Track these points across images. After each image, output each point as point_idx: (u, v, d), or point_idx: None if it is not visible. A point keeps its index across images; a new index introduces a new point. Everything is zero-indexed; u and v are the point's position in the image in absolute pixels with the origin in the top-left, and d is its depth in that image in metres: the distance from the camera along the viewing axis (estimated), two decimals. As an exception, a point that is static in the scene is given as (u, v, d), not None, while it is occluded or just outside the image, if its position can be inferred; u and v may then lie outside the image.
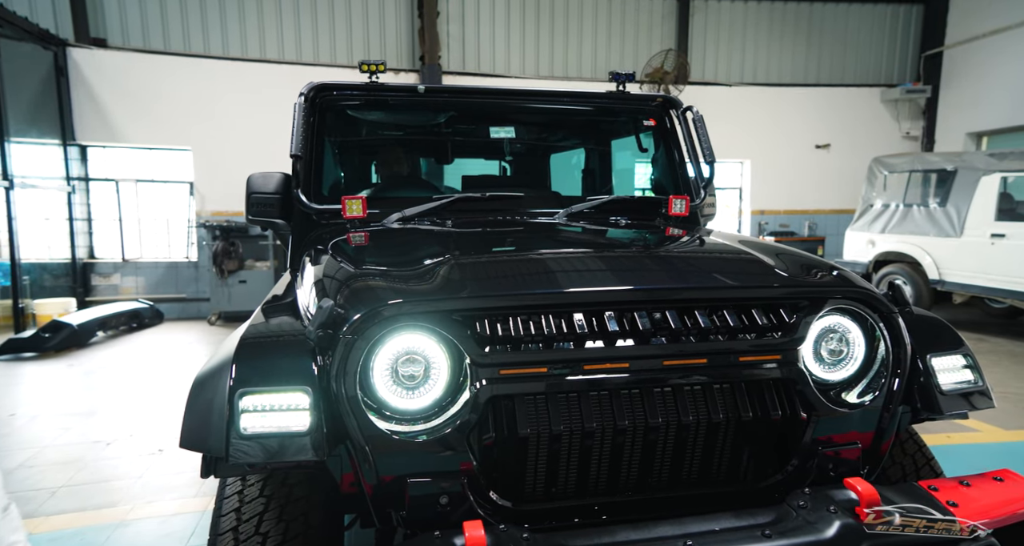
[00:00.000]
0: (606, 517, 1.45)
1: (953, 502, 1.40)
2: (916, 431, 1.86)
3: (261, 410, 1.26)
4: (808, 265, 1.76)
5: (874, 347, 1.63)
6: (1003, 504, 1.43)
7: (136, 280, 8.51)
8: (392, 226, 2.31)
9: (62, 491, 3.14)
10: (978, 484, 1.50)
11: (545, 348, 1.39)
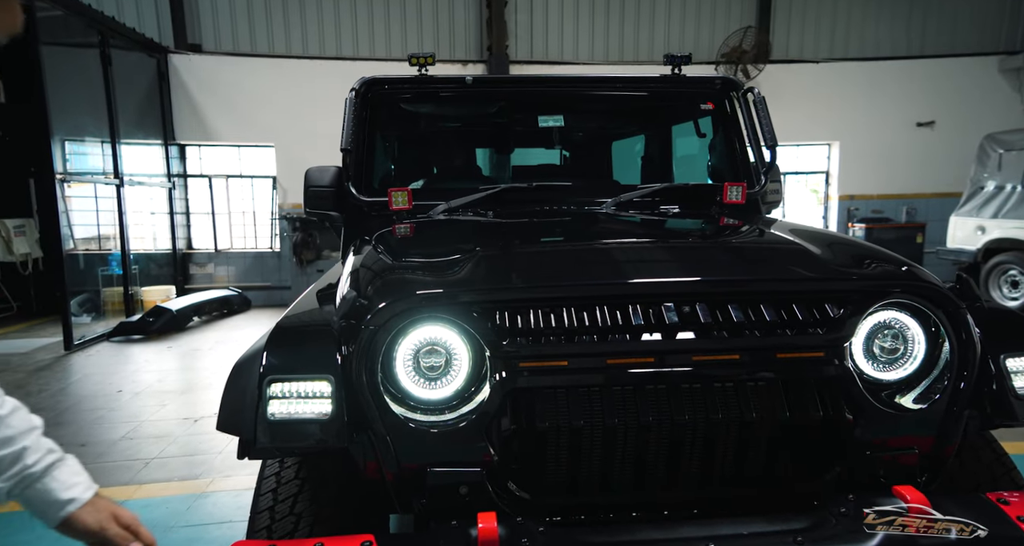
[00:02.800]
0: (627, 515, 1.41)
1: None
2: (995, 438, 1.69)
3: (287, 397, 1.32)
4: (863, 256, 1.63)
5: (937, 345, 1.49)
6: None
7: (228, 269, 9.13)
8: (437, 218, 2.34)
9: (154, 462, 3.44)
10: (1058, 499, 1.35)
11: (566, 341, 1.37)
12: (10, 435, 0.87)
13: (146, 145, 8.58)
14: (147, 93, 8.53)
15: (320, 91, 8.81)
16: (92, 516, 0.91)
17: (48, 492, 0.89)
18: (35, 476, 0.89)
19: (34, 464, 0.89)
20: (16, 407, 0.91)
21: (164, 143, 8.81)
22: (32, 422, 0.92)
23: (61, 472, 0.92)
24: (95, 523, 0.92)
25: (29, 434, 0.90)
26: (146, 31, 8.53)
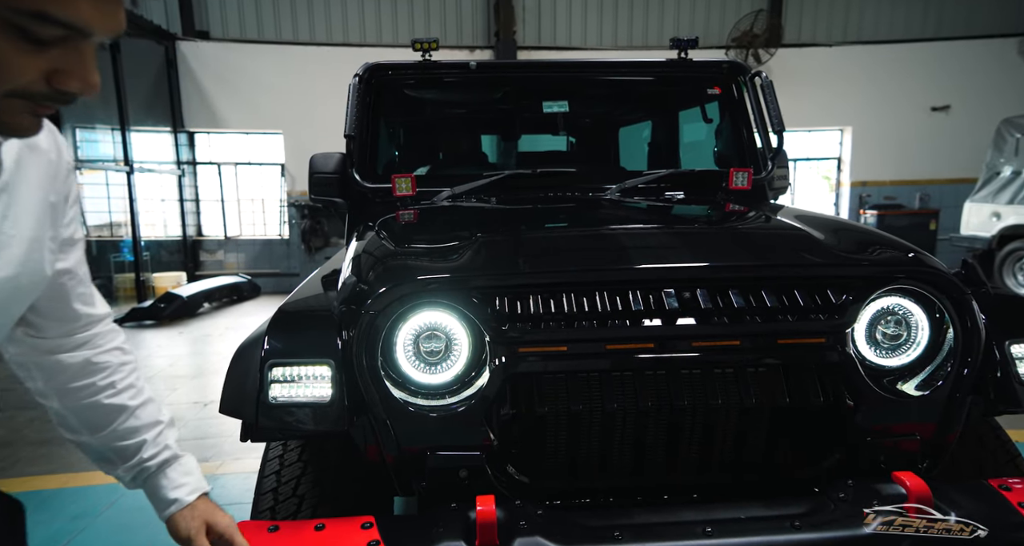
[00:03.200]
0: (627, 499, 1.42)
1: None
2: (1000, 424, 1.68)
3: (288, 381, 1.33)
4: (868, 242, 1.62)
5: (941, 332, 1.47)
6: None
7: (237, 256, 9.20)
8: (441, 204, 2.34)
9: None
10: (1061, 486, 1.34)
11: (566, 327, 1.37)
12: (136, 426, 0.91)
13: (155, 132, 8.63)
14: (156, 80, 8.56)
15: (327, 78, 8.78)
16: (184, 523, 0.94)
17: (158, 489, 0.93)
18: (150, 470, 0.93)
19: (150, 459, 0.92)
20: (148, 400, 0.94)
21: (173, 130, 8.85)
22: (158, 416, 0.95)
23: (173, 470, 0.95)
24: (185, 530, 0.95)
25: (152, 428, 0.93)
26: (154, 18, 8.54)
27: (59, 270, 0.81)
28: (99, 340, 0.91)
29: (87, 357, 0.88)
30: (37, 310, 0.82)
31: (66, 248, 0.82)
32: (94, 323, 0.90)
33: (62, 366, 0.87)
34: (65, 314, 0.85)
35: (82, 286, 0.87)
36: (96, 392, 0.89)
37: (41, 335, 0.85)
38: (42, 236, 0.74)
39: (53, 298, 0.83)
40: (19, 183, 0.70)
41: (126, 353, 0.94)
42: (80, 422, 0.90)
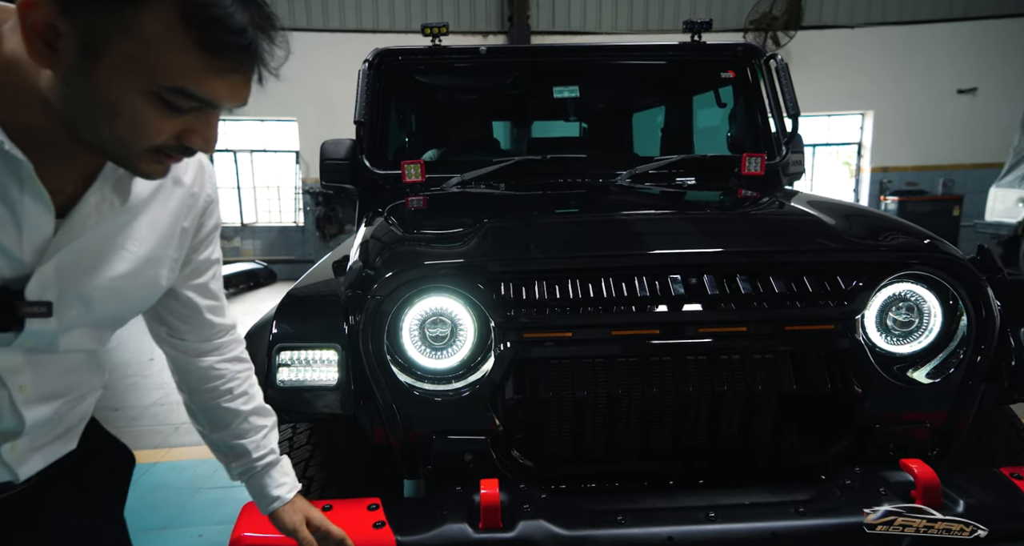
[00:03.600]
0: (633, 485, 1.43)
1: (1036, 493, 1.24)
2: (1014, 412, 1.65)
3: (296, 364, 1.35)
4: (881, 227, 1.59)
5: (954, 319, 1.45)
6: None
7: (254, 243, 9.29)
8: (451, 191, 2.34)
9: (183, 427, 3.56)
10: (1075, 475, 1.32)
11: (571, 313, 1.37)
12: (246, 429, 1.02)
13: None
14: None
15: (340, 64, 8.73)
16: (289, 516, 1.06)
17: (263, 486, 1.04)
18: (255, 470, 1.04)
19: (258, 460, 1.04)
20: (258, 406, 1.06)
21: (189, 118, 8.92)
22: (266, 421, 1.07)
23: (276, 471, 1.07)
24: (290, 523, 1.06)
25: (260, 431, 1.05)
26: (169, 5, 8.57)
27: (194, 285, 0.94)
28: (224, 348, 1.02)
29: (212, 363, 0.99)
30: (176, 317, 0.95)
31: (204, 267, 0.94)
32: (223, 332, 1.01)
33: (192, 367, 0.99)
34: (199, 323, 0.97)
35: (214, 299, 0.98)
36: (216, 397, 1.00)
37: (180, 338, 0.97)
38: (163, 255, 0.84)
39: (188, 306, 0.94)
40: (152, 208, 0.81)
41: (243, 362, 1.05)
42: (205, 419, 1.03)
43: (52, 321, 0.73)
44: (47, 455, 0.82)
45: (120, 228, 0.78)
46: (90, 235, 0.74)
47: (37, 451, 0.80)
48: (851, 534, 1.19)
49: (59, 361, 0.79)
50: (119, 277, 0.78)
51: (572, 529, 1.21)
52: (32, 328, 0.72)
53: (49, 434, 0.81)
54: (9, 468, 0.76)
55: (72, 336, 0.78)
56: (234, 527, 1.20)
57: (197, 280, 0.95)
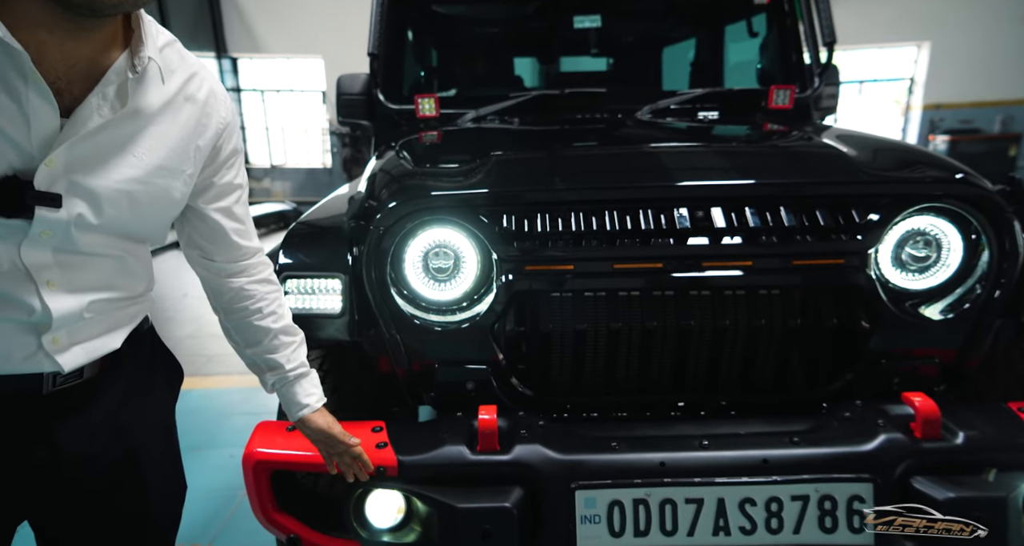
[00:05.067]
0: (626, 414, 1.45)
1: (1042, 426, 1.23)
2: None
3: (302, 292, 1.39)
4: (907, 160, 1.52)
5: (975, 254, 1.40)
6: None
7: (283, 184, 9.41)
8: (466, 126, 2.30)
9: (216, 358, 3.74)
10: (1087, 411, 1.30)
11: (573, 245, 1.36)
12: (277, 344, 1.11)
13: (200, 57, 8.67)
14: (197, 4, 8.51)
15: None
16: (322, 418, 1.16)
17: (293, 394, 1.13)
18: (287, 379, 1.12)
19: (290, 371, 1.12)
20: (288, 324, 1.14)
21: (217, 56, 8.88)
22: (296, 338, 1.15)
23: (306, 381, 1.15)
24: (324, 423, 1.15)
25: (290, 346, 1.13)
26: (192, -62, 8.40)
27: (219, 208, 1.00)
28: (252, 270, 1.08)
29: (242, 284, 1.06)
30: (205, 239, 1.03)
31: (227, 192, 1.01)
32: (250, 254, 1.08)
33: (225, 288, 1.06)
34: (227, 245, 1.04)
35: (238, 223, 1.04)
36: (248, 315, 1.08)
37: (211, 259, 1.04)
38: (175, 168, 0.89)
39: (215, 229, 1.01)
40: (161, 121, 0.86)
41: (271, 283, 1.12)
42: (239, 336, 1.11)
43: (62, 213, 0.78)
44: (89, 351, 0.88)
45: (129, 136, 0.83)
46: (98, 138, 0.80)
47: (78, 345, 0.86)
48: (843, 464, 1.20)
49: (88, 264, 0.85)
50: (127, 181, 0.83)
51: (566, 453, 1.25)
52: (42, 215, 0.77)
53: (87, 330, 0.88)
54: (52, 359, 0.84)
55: (91, 238, 0.83)
56: (247, 443, 1.27)
57: (221, 203, 1.01)
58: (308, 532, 1.26)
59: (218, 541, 2.07)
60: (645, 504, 1.21)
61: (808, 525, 1.20)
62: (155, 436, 1.04)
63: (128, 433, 0.97)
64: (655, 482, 1.21)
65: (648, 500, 1.21)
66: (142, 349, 1.01)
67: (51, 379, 0.85)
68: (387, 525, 1.24)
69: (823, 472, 1.19)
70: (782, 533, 1.20)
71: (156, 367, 1.07)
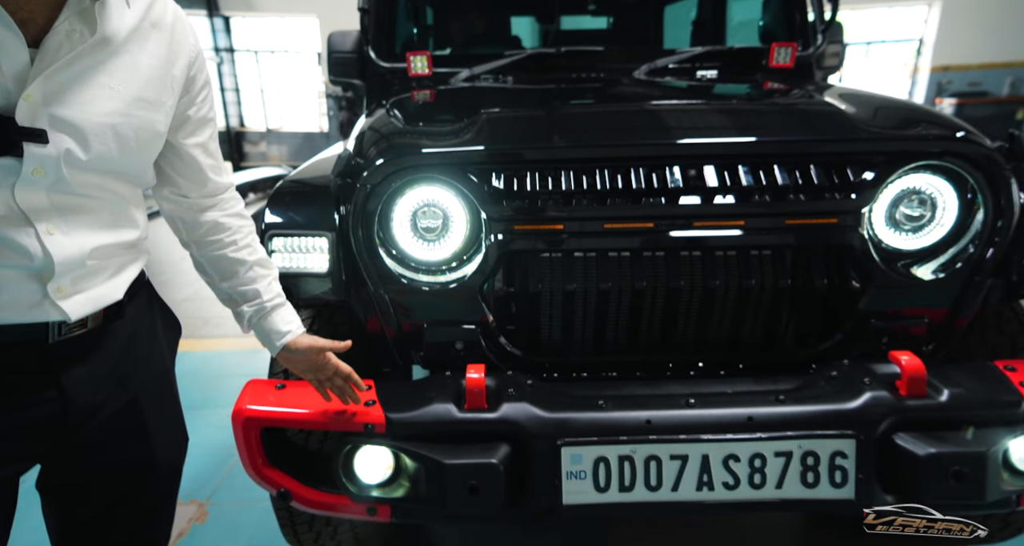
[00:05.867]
0: (616, 374, 1.46)
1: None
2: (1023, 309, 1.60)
3: (288, 251, 1.38)
4: (908, 118, 1.49)
5: (971, 213, 1.38)
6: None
7: (280, 148, 9.30)
8: (459, 85, 2.25)
9: (213, 321, 3.76)
10: (1074, 368, 1.30)
11: (563, 204, 1.34)
12: (253, 276, 1.12)
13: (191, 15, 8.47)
14: (187, -39, 8.26)
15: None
16: (305, 339, 1.16)
17: (274, 324, 1.14)
18: (265, 310, 1.13)
19: (268, 301, 1.13)
20: (263, 258, 1.15)
21: (208, 13, 8.66)
22: (271, 271, 1.16)
23: (285, 310, 1.16)
24: (308, 341, 1.16)
25: (265, 278, 1.14)
26: None
27: (195, 143, 1.01)
28: (225, 204, 1.10)
29: (216, 218, 1.08)
30: (181, 174, 1.03)
31: (201, 126, 1.02)
32: (223, 190, 1.09)
33: (198, 223, 1.07)
34: (202, 181, 1.05)
35: (212, 158, 1.05)
36: (222, 247, 1.09)
37: (185, 195, 1.05)
38: (156, 100, 0.90)
39: (191, 165, 1.02)
40: (129, 49, 0.86)
41: (245, 218, 1.14)
42: (213, 270, 1.12)
43: (50, 149, 0.79)
44: (93, 300, 0.89)
45: (98, 65, 0.83)
46: (72, 69, 0.80)
47: (82, 294, 0.88)
48: (827, 421, 1.21)
49: (84, 207, 0.86)
50: (109, 113, 0.84)
51: (553, 411, 1.26)
52: (31, 152, 0.77)
53: (90, 279, 0.89)
54: (58, 307, 0.85)
55: (83, 177, 0.84)
56: (237, 400, 1.28)
57: (197, 138, 1.02)
58: (298, 486, 1.28)
59: (215, 497, 2.12)
60: (630, 460, 1.23)
61: (791, 480, 1.21)
62: (157, 387, 1.05)
63: (131, 383, 0.98)
64: (641, 439, 1.23)
65: (633, 456, 1.23)
66: (141, 301, 1.03)
67: (56, 328, 0.86)
68: (376, 480, 1.25)
69: (807, 429, 1.20)
70: (765, 488, 1.22)
71: (156, 320, 1.08)
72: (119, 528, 1.03)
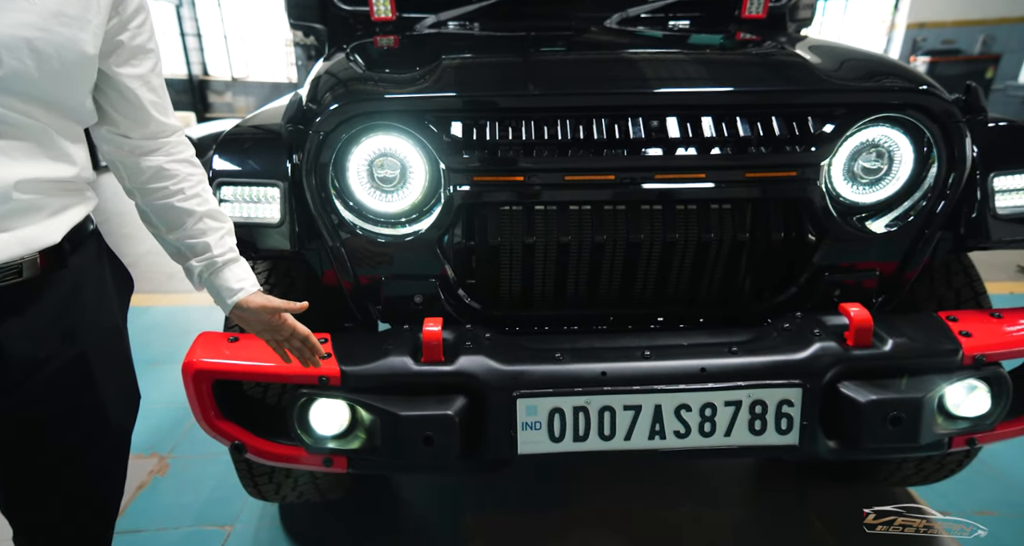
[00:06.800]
0: (577, 328, 1.46)
1: (967, 332, 1.28)
2: (972, 262, 1.64)
3: (238, 200, 1.33)
4: (872, 70, 1.47)
5: (926, 166, 1.39)
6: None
7: (247, 99, 8.96)
8: (425, 31, 2.17)
9: (177, 275, 3.62)
10: (1012, 317, 1.35)
11: (524, 156, 1.32)
12: (203, 229, 1.06)
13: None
14: None
15: None
16: (258, 298, 1.10)
17: (225, 280, 1.08)
18: (216, 265, 1.07)
19: (218, 256, 1.07)
20: (213, 208, 1.09)
21: (164, -46, 8.17)
22: (224, 224, 1.10)
23: (237, 267, 1.10)
24: (261, 301, 1.10)
25: (217, 231, 1.08)
26: None
27: (133, 75, 0.94)
28: (172, 148, 1.03)
29: (161, 163, 1.01)
30: (119, 111, 0.96)
31: (139, 55, 0.94)
32: (168, 133, 1.02)
33: (141, 168, 1.00)
34: (144, 119, 0.98)
35: (155, 95, 0.98)
36: (168, 195, 1.03)
37: (124, 135, 0.98)
38: (78, 16, 0.83)
39: (131, 100, 0.95)
40: None
41: (194, 165, 1.07)
42: (159, 220, 1.05)
43: None
44: (24, 241, 0.85)
45: None
46: None
47: (9, 232, 0.83)
48: (775, 371, 1.23)
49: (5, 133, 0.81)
50: (23, 26, 0.78)
51: (510, 364, 1.26)
52: None
53: (19, 217, 0.84)
54: None
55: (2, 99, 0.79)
56: (187, 353, 1.26)
57: (136, 69, 0.95)
58: (252, 439, 1.28)
59: (177, 450, 2.11)
60: (585, 411, 1.25)
61: (739, 428, 1.25)
62: (107, 343, 1.02)
63: (78, 337, 0.95)
64: (595, 390, 1.24)
65: (588, 407, 1.24)
66: (87, 251, 0.98)
67: None
68: (331, 432, 1.25)
69: (757, 379, 1.23)
70: (714, 436, 1.25)
71: (105, 272, 1.03)
72: (65, 487, 1.02)
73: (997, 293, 1.95)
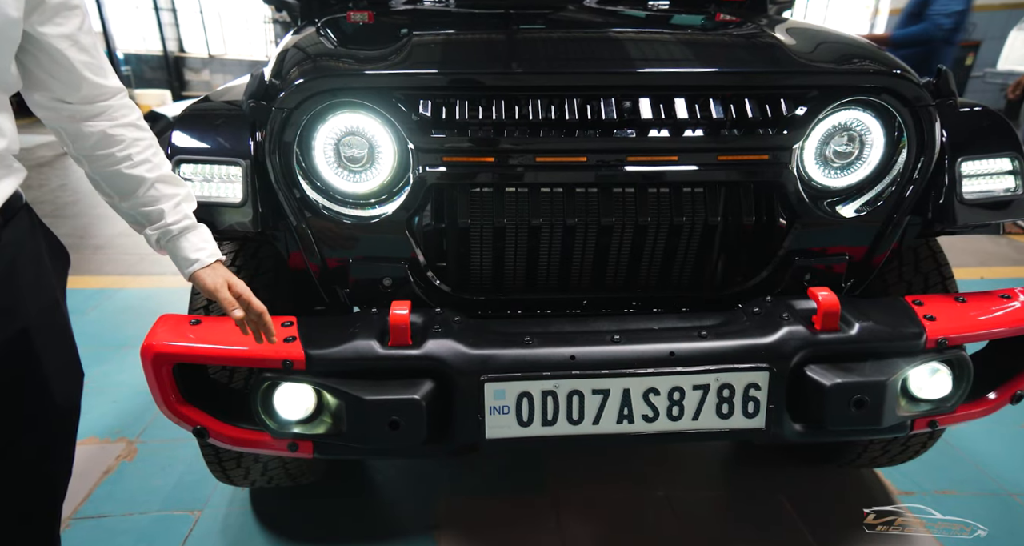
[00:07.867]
0: (549, 312, 1.45)
1: (931, 316, 1.29)
2: (940, 247, 1.65)
3: (199, 178, 1.30)
4: (847, 54, 1.46)
5: (896, 150, 1.38)
6: (994, 322, 1.30)
7: (224, 77, 8.74)
8: (400, 7, 2.12)
9: (148, 258, 3.61)
10: (976, 301, 1.36)
11: (494, 136, 1.29)
12: (156, 196, 1.04)
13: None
14: None
15: None
16: (210, 278, 1.08)
17: (181, 250, 1.07)
18: (172, 234, 1.06)
19: (172, 224, 1.05)
20: (165, 174, 1.06)
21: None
22: (178, 191, 1.08)
23: (194, 235, 1.08)
24: (212, 284, 1.09)
25: (171, 199, 1.06)
26: None
27: (57, 35, 0.88)
28: (114, 113, 0.98)
29: (104, 128, 0.96)
30: (50, 74, 0.90)
31: (63, 12, 0.88)
32: (108, 95, 0.97)
33: (83, 134, 0.96)
34: (77, 82, 0.92)
35: (87, 55, 0.92)
36: (116, 162, 0.99)
37: (61, 99, 0.93)
38: None
39: (60, 62, 0.90)
40: None
41: (141, 129, 1.03)
42: (109, 187, 1.03)
43: None
44: None
45: None
46: None
47: None
48: (743, 355, 1.23)
49: None
50: None
51: (478, 348, 1.25)
52: None
53: None
54: None
55: None
56: (146, 336, 1.23)
57: (60, 29, 0.89)
58: (215, 423, 1.25)
59: (146, 434, 2.08)
60: (553, 395, 1.24)
61: (707, 412, 1.25)
62: (46, 319, 0.99)
63: (14, 315, 0.92)
64: (564, 375, 1.23)
65: (556, 391, 1.24)
66: (20, 226, 0.94)
67: None
68: (297, 417, 1.23)
69: (725, 363, 1.23)
70: (682, 420, 1.25)
71: (40, 247, 1.00)
72: (8, 471, 0.99)
73: (966, 278, 1.97)
